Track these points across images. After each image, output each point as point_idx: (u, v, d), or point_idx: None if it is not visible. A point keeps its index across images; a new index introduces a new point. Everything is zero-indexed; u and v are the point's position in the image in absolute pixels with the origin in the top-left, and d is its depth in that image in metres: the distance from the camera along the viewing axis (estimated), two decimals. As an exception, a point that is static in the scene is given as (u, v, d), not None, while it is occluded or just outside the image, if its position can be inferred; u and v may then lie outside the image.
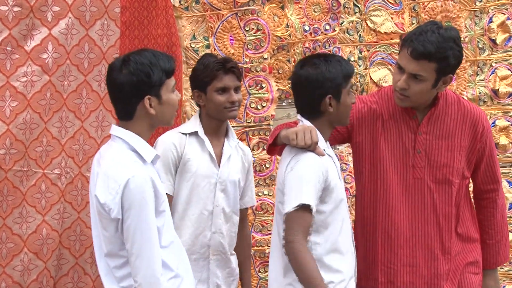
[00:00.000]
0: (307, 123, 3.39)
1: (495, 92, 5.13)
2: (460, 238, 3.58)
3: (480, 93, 5.11)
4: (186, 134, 3.86)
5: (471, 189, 3.77)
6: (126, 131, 3.15)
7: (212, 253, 3.86)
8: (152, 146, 3.30)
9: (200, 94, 3.88)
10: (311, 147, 3.26)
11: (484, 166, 3.59)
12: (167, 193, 3.69)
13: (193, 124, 3.89)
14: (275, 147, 3.50)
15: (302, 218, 3.21)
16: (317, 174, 3.25)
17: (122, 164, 3.08)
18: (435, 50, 3.32)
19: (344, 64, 3.39)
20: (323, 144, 3.36)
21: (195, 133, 3.86)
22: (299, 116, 3.44)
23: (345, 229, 3.37)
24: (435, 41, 3.33)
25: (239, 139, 4.75)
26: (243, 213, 4.02)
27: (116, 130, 3.18)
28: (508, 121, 5.13)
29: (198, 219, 3.82)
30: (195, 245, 3.82)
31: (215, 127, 3.89)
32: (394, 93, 3.48)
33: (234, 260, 3.97)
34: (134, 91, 3.10)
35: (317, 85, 3.35)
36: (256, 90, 4.80)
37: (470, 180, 3.71)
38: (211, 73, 3.81)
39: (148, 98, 3.11)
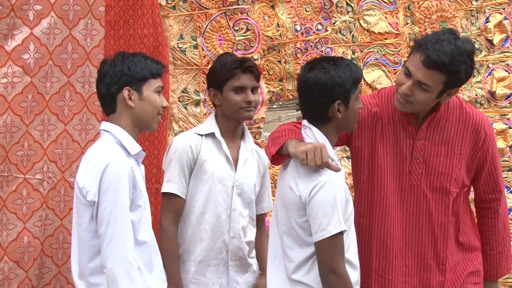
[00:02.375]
0: (314, 129, 3.36)
1: (492, 94, 5.13)
2: (461, 248, 3.57)
3: (476, 95, 5.12)
4: (202, 135, 3.86)
5: (471, 196, 3.76)
6: (113, 125, 3.32)
7: (231, 258, 3.85)
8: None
9: (216, 93, 3.89)
10: (322, 166, 3.23)
11: (486, 174, 3.57)
12: (179, 195, 3.77)
13: (209, 124, 3.90)
14: (281, 156, 3.42)
15: (339, 242, 3.23)
16: (343, 195, 3.27)
17: (104, 150, 3.26)
18: (448, 62, 3.28)
19: (354, 68, 3.37)
20: (332, 152, 3.34)
21: (212, 134, 3.86)
22: (305, 122, 3.40)
23: (354, 242, 3.37)
24: (450, 53, 3.29)
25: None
26: (260, 218, 4.03)
27: (103, 124, 3.36)
28: (505, 124, 5.14)
29: (215, 223, 3.82)
30: (214, 250, 3.83)
31: (232, 128, 3.90)
32: (395, 95, 3.45)
33: (254, 264, 3.97)
34: (114, 80, 3.30)
35: (326, 90, 3.31)
36: (246, 92, 4.77)
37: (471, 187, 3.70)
38: (228, 72, 3.83)
39: (127, 89, 3.30)
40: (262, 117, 4.81)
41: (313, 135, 3.35)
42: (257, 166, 3.97)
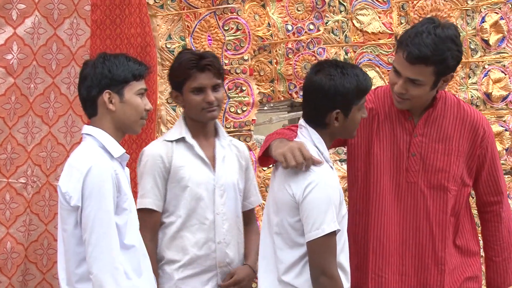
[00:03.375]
0: (310, 130, 3.35)
1: (488, 95, 5.13)
2: (459, 251, 3.55)
3: (472, 96, 5.11)
4: (172, 141, 3.77)
5: (473, 204, 3.74)
6: (95, 128, 3.31)
7: (218, 265, 3.76)
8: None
9: (177, 95, 3.81)
10: (307, 163, 3.20)
11: (486, 174, 3.55)
12: (154, 209, 3.68)
13: (179, 129, 3.81)
14: (268, 157, 3.42)
15: (331, 242, 3.23)
16: (337, 196, 3.28)
17: (86, 155, 3.25)
18: (431, 53, 3.30)
19: (362, 79, 3.33)
20: (326, 154, 3.35)
21: (182, 139, 3.77)
22: (302, 121, 3.41)
23: (346, 247, 3.37)
24: (431, 44, 3.30)
25: (218, 146, 4.71)
26: (250, 214, 3.95)
27: (85, 128, 3.38)
28: (501, 126, 5.13)
29: (199, 230, 3.73)
30: (200, 258, 3.73)
31: (201, 128, 3.80)
32: (393, 95, 3.46)
33: None
34: (95, 83, 3.28)
35: (327, 98, 3.31)
36: (236, 94, 4.76)
37: (473, 192, 3.67)
38: (185, 72, 3.73)
39: (107, 92, 3.28)
40: (252, 119, 4.79)
41: (308, 135, 3.36)
42: (237, 161, 3.87)
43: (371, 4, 5.01)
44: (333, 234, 3.23)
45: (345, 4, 4.98)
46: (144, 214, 3.68)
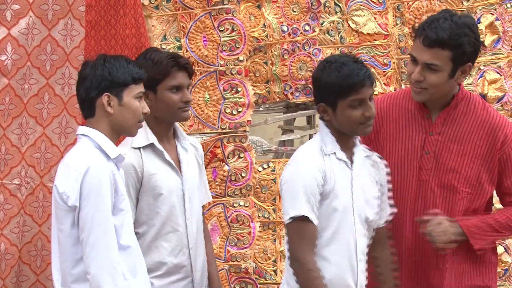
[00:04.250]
0: (320, 124, 3.44)
1: (483, 96, 5.11)
2: (471, 258, 3.52)
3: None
4: (140, 148, 3.64)
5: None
6: (91, 129, 3.28)
7: (195, 269, 3.72)
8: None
9: (147, 94, 3.61)
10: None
11: (509, 181, 3.50)
12: None
13: (144, 134, 3.65)
14: None
15: (303, 229, 3.26)
16: (313, 183, 3.28)
17: (83, 155, 3.23)
18: (448, 37, 3.33)
19: (347, 75, 3.31)
20: (332, 146, 3.37)
21: (150, 145, 3.65)
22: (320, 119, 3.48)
23: (340, 241, 3.34)
24: (448, 28, 3.33)
25: (214, 146, 4.71)
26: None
27: (81, 129, 3.33)
28: (497, 127, 5.12)
29: (174, 238, 3.67)
30: (177, 266, 3.68)
31: (165, 131, 3.70)
32: (410, 87, 3.47)
33: (206, 275, 3.83)
34: (94, 85, 3.26)
35: (314, 90, 3.39)
36: (231, 94, 4.75)
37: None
38: (164, 70, 3.64)
39: (106, 95, 3.25)
40: (248, 120, 4.78)
41: (320, 127, 3.45)
42: (197, 162, 3.81)
43: (366, 5, 5.00)
44: (305, 221, 3.24)
45: (340, 5, 4.97)
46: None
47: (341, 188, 3.34)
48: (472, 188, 3.47)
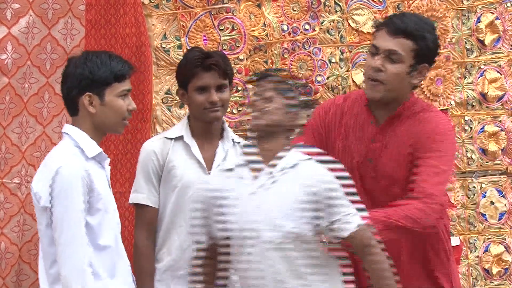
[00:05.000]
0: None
1: (483, 95, 5.13)
2: (424, 261, 3.51)
3: (468, 96, 5.12)
4: (171, 139, 3.75)
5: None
6: (73, 127, 3.25)
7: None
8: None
9: (183, 93, 3.79)
10: None
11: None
12: (149, 205, 3.67)
13: (180, 127, 3.79)
14: None
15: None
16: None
17: (58, 154, 3.20)
18: (414, 27, 3.38)
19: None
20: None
21: (181, 138, 3.75)
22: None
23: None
24: (414, 20, 3.41)
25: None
26: None
27: (65, 127, 3.31)
28: (497, 126, 5.13)
29: (183, 232, 3.68)
30: (182, 260, 3.67)
31: (204, 128, 3.76)
32: (366, 82, 3.46)
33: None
34: (75, 84, 3.21)
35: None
36: (232, 94, 4.75)
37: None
38: (190, 70, 3.72)
39: (87, 95, 3.21)
40: (248, 119, 4.78)
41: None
42: None
43: (366, 4, 5.01)
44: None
45: (340, 4, 4.98)
46: (138, 210, 3.71)
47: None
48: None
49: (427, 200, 3.26)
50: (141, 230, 3.69)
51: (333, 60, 4.99)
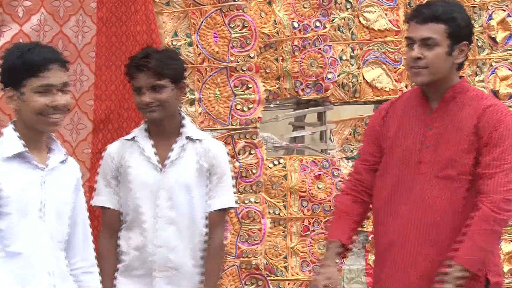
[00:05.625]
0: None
1: (495, 93, 5.13)
2: None
3: (481, 94, 5.11)
4: (129, 140, 3.70)
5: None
6: (11, 122, 3.05)
7: (158, 269, 3.63)
8: None
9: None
10: None
11: (484, 164, 3.45)
12: (109, 208, 3.66)
13: (139, 128, 3.74)
14: None
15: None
16: None
17: None
18: (441, 11, 3.45)
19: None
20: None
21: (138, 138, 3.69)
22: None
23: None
24: (440, 5, 3.47)
25: (224, 143, 4.72)
26: (211, 218, 3.70)
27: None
28: (509, 123, 5.12)
29: (139, 233, 3.64)
30: (138, 260, 3.64)
31: (156, 128, 3.67)
32: (409, 72, 3.53)
33: (196, 276, 3.69)
34: (0, 78, 2.99)
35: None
36: (242, 91, 4.77)
37: None
38: (127, 72, 3.66)
39: (8, 90, 2.96)
40: (258, 117, 4.80)
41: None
42: (196, 162, 3.68)
43: (377, 1, 5.02)
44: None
45: (351, 1, 4.98)
46: (102, 212, 3.71)
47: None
48: (469, 175, 3.49)
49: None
50: (102, 232, 3.69)
51: (344, 58, 4.99)
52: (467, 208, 3.50)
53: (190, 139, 3.68)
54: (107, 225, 3.71)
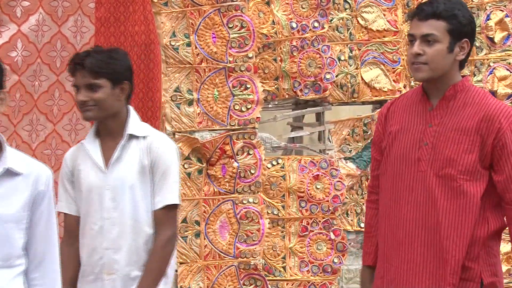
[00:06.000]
0: None
1: (493, 93, 5.14)
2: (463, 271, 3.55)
3: (479, 94, 5.12)
4: (83, 143, 3.64)
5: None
6: None
7: (107, 272, 3.52)
8: None
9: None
10: None
11: (505, 177, 3.51)
12: (67, 213, 3.59)
13: (90, 130, 3.66)
14: None
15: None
16: None
17: None
18: (442, 8, 3.46)
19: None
20: None
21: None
22: None
23: None
24: (442, 2, 3.49)
25: (223, 143, 4.74)
26: (156, 216, 3.56)
27: None
28: (507, 124, 5.13)
29: (90, 235, 3.54)
30: (90, 265, 3.54)
31: (102, 128, 3.57)
32: (410, 68, 3.56)
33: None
34: None
35: None
36: (241, 91, 4.78)
37: None
38: (68, 69, 3.58)
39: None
40: (257, 117, 4.81)
41: None
42: (138, 161, 3.55)
43: (375, 2, 5.03)
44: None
45: (349, 1, 4.99)
46: (62, 217, 3.63)
47: None
48: (469, 175, 3.51)
49: None
50: (63, 238, 3.62)
51: (342, 58, 5.01)
52: (471, 207, 3.52)
53: (133, 136, 3.56)
54: (67, 231, 3.64)
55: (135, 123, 3.60)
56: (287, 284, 4.85)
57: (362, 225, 4.27)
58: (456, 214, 3.52)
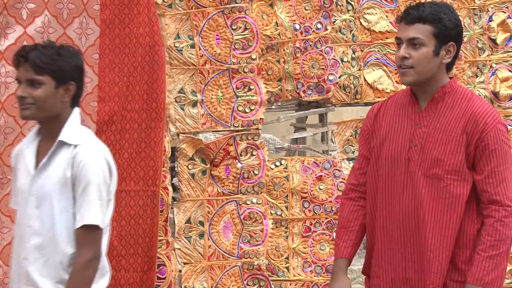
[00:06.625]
0: None
1: (495, 94, 5.16)
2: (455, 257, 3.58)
3: (479, 95, 5.13)
4: (22, 141, 3.43)
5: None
6: None
7: (25, 283, 3.25)
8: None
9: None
10: None
11: (484, 177, 3.54)
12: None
13: (35, 127, 3.42)
14: None
15: None
16: None
17: None
18: (428, 12, 3.51)
19: None
20: None
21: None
22: None
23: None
24: (428, 6, 3.54)
25: (226, 144, 4.76)
26: (77, 236, 3.24)
27: None
28: (509, 125, 5.12)
29: (15, 242, 3.33)
30: (14, 275, 3.31)
31: (41, 128, 3.34)
32: (398, 71, 3.59)
33: None
34: None
35: None
36: (244, 93, 4.80)
37: None
38: (13, 62, 3.32)
39: None
40: (260, 118, 4.83)
41: None
42: (62, 171, 3.25)
43: (378, 3, 5.04)
44: None
45: (352, 3, 5.01)
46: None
47: None
48: (456, 175, 3.55)
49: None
50: None
51: (345, 59, 5.03)
52: (456, 207, 3.56)
53: (65, 144, 3.27)
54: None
55: (71, 128, 3.30)
56: (290, 284, 4.87)
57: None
58: (441, 214, 3.57)
